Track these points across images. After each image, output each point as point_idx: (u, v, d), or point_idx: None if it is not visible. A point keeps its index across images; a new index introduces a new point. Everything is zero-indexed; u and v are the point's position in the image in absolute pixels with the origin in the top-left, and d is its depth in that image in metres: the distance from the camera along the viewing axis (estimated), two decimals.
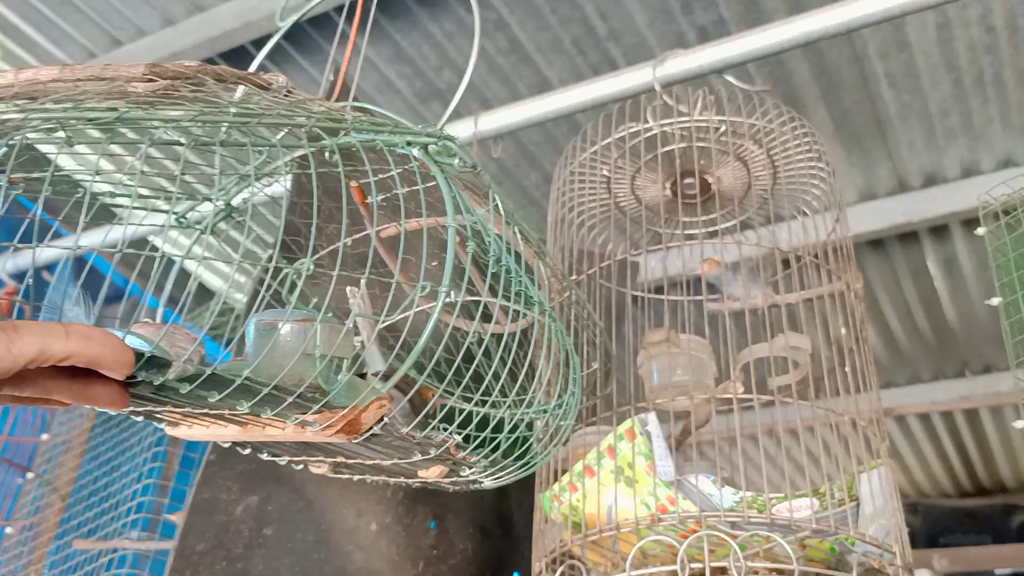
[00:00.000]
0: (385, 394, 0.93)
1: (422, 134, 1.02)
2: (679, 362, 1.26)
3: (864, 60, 2.59)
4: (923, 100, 2.72)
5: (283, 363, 0.89)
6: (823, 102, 2.75)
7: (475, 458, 1.05)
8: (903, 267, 3.37)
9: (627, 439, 1.19)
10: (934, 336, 3.79)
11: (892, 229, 3.09)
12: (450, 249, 0.94)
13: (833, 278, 1.27)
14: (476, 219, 1.03)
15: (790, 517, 1.10)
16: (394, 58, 2.69)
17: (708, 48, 1.61)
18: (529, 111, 1.77)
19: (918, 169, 2.98)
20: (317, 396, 0.89)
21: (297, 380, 0.89)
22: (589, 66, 2.68)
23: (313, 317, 0.94)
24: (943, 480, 4.98)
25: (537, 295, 1.06)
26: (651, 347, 1.29)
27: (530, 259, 1.11)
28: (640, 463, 1.17)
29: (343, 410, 0.89)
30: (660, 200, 1.45)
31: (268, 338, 0.92)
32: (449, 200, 0.97)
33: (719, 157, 1.39)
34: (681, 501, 1.14)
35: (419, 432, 0.97)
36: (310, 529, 1.37)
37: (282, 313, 0.95)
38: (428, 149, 1.02)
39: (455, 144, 1.01)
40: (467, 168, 1.02)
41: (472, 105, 2.81)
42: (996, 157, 2.91)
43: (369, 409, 0.91)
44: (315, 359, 0.92)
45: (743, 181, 1.44)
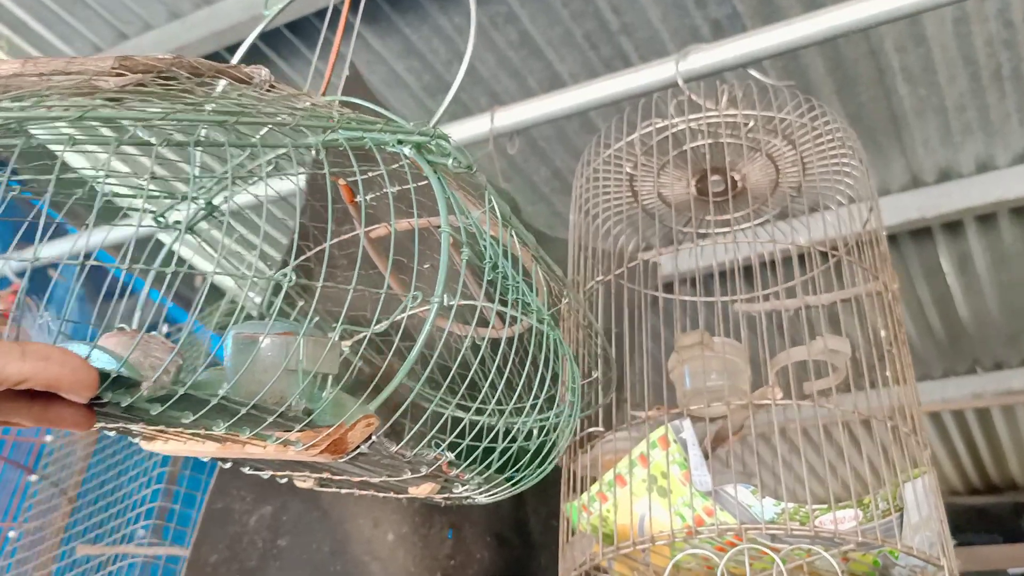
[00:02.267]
0: (373, 412, 0.87)
1: (414, 132, 0.96)
2: (713, 366, 1.21)
3: (880, 54, 2.54)
4: (940, 95, 2.66)
5: (263, 380, 0.84)
6: (838, 97, 2.69)
7: (468, 475, 1.00)
8: (915, 264, 3.32)
9: (660, 447, 1.13)
10: (945, 333, 3.74)
11: (905, 225, 3.04)
12: (444, 254, 0.88)
13: (869, 277, 1.21)
14: (471, 221, 0.97)
15: (834, 530, 1.04)
16: (403, 52, 2.64)
17: (731, 42, 1.55)
18: (546, 107, 1.71)
19: (933, 165, 2.93)
20: (300, 415, 0.84)
21: (278, 398, 0.84)
22: (601, 61, 2.62)
23: (295, 330, 0.89)
24: (953, 478, 4.93)
25: (534, 301, 1.01)
26: (684, 351, 1.23)
27: (527, 263, 1.06)
28: (675, 472, 1.11)
29: (328, 429, 0.83)
30: (686, 198, 1.39)
31: (248, 353, 0.87)
32: (442, 202, 0.92)
33: (747, 153, 1.33)
34: (719, 512, 1.08)
35: (410, 450, 0.92)
36: (326, 540, 1.31)
37: (263, 326, 0.90)
38: (420, 148, 0.96)
39: (449, 143, 0.96)
40: (462, 168, 0.96)
41: (482, 100, 2.76)
42: (1013, 152, 2.86)
43: (356, 428, 0.85)
44: (298, 375, 0.86)
45: (771, 178, 1.39)
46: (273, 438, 0.82)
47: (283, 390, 0.84)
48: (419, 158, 0.95)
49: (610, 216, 1.41)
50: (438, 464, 0.95)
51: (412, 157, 0.96)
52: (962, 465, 4.80)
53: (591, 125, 2.80)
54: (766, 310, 1.27)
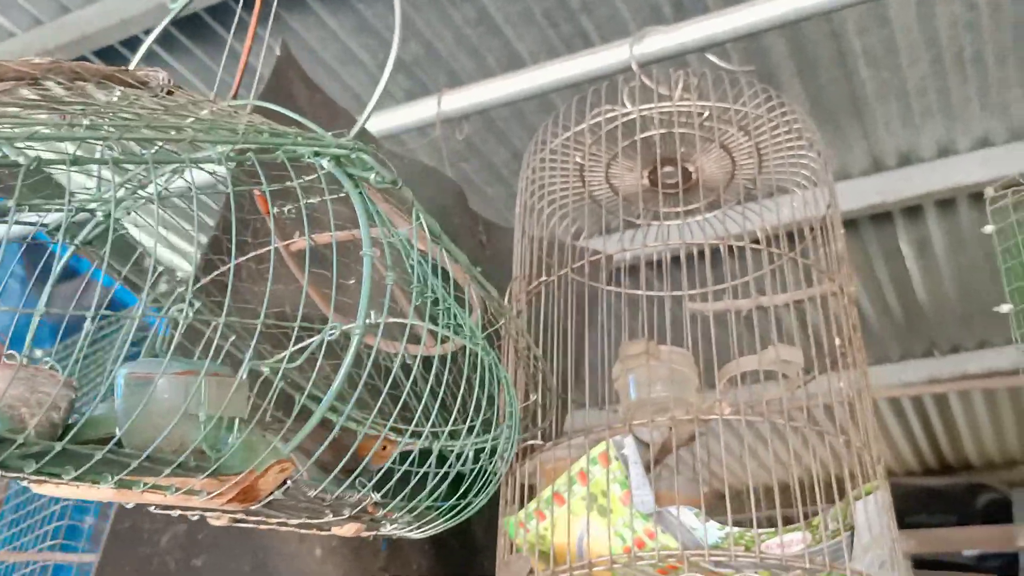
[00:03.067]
0: (288, 456, 0.79)
1: (332, 144, 0.88)
2: (659, 376, 1.14)
3: (842, 36, 2.47)
4: (901, 78, 2.60)
5: (160, 425, 0.74)
6: (799, 79, 2.62)
7: (397, 513, 0.93)
8: (875, 247, 3.28)
9: (601, 463, 1.06)
10: (904, 316, 3.70)
11: (866, 210, 2.99)
12: (366, 279, 0.80)
13: (825, 279, 1.14)
14: (396, 238, 0.90)
15: (781, 554, 0.98)
16: (357, 29, 2.54)
17: (690, 25, 1.47)
18: (497, 90, 1.63)
19: (894, 149, 2.87)
20: (202, 463, 0.75)
21: (177, 445, 0.75)
22: (561, 39, 2.53)
23: (196, 369, 0.79)
24: (909, 458, 4.92)
25: (467, 324, 0.93)
26: (629, 360, 1.16)
27: (461, 280, 0.99)
28: (615, 491, 1.04)
29: (236, 477, 0.76)
30: (637, 189, 1.31)
31: (141, 395, 0.77)
32: (363, 220, 0.83)
33: (701, 144, 1.26)
34: (661, 535, 1.02)
35: (330, 493, 0.85)
36: (246, 558, 1.22)
37: (158, 363, 0.80)
38: (340, 161, 0.88)
39: (370, 157, 0.88)
40: (385, 183, 0.88)
41: (440, 79, 2.66)
42: (973, 137, 2.81)
43: (268, 474, 0.77)
44: (199, 420, 0.77)
45: (726, 170, 1.31)
46: (173, 489, 0.75)
47: (183, 436, 0.76)
48: (338, 172, 0.87)
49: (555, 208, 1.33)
50: (363, 506, 0.88)
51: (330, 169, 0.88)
52: (918, 445, 4.79)
53: (550, 105, 2.71)
54: (718, 310, 1.20)
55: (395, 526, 0.95)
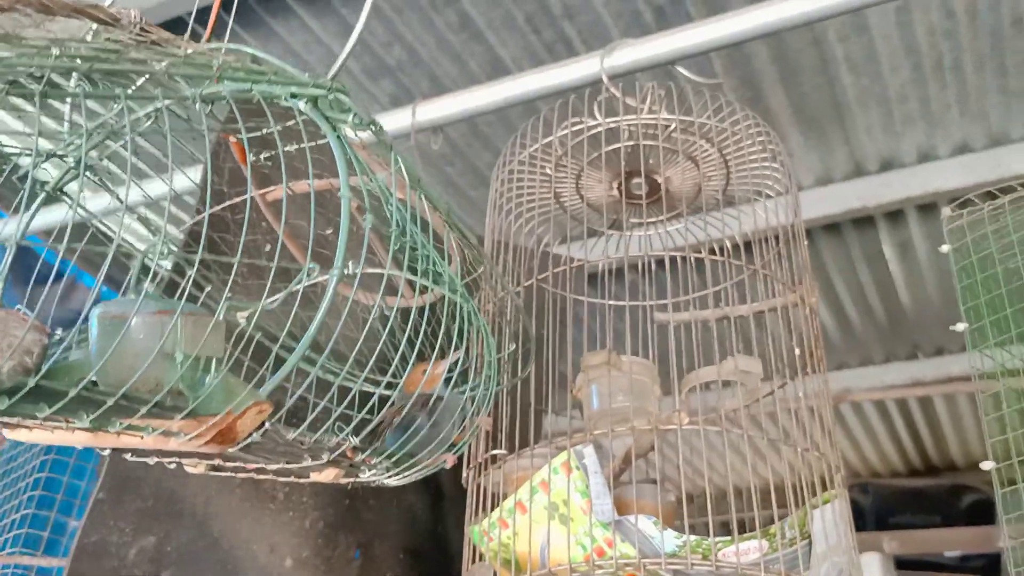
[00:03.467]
0: (265, 398, 0.78)
1: (309, 84, 0.87)
2: (620, 386, 1.15)
3: (823, 44, 2.48)
4: (882, 85, 2.61)
5: (135, 365, 0.73)
6: (781, 86, 2.64)
7: (376, 459, 0.92)
8: (858, 251, 3.29)
9: (563, 473, 1.07)
10: (887, 319, 3.72)
11: (848, 214, 3.00)
12: (344, 221, 0.78)
13: (785, 290, 1.15)
14: (376, 184, 0.89)
15: (737, 563, 0.99)
16: (340, 33, 2.54)
17: (661, 38, 1.48)
18: (463, 103, 1.64)
19: (875, 154, 2.89)
20: (178, 403, 0.75)
21: (153, 385, 0.74)
22: (544, 45, 2.54)
23: (172, 308, 0.78)
24: (894, 459, 4.94)
25: (446, 271, 0.92)
26: (590, 370, 1.17)
27: (439, 228, 0.97)
28: (576, 500, 1.05)
29: (214, 418, 0.74)
30: (608, 200, 1.33)
31: (115, 334, 0.76)
32: (342, 163, 0.82)
33: (669, 157, 1.27)
34: (619, 544, 1.03)
35: (310, 436, 0.84)
36: (214, 570, 1.21)
37: (132, 303, 0.80)
38: (317, 103, 0.87)
39: (348, 97, 0.87)
40: (363, 126, 0.87)
41: (423, 84, 2.67)
42: (953, 143, 2.82)
43: (246, 415, 0.76)
44: (175, 360, 0.76)
45: (694, 181, 1.33)
46: (150, 429, 0.73)
47: (158, 376, 0.75)
48: (315, 114, 0.85)
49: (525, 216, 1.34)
50: (341, 450, 0.87)
51: (308, 113, 0.87)
52: (903, 446, 4.81)
53: (535, 109, 2.72)
54: (683, 320, 1.22)
55: (373, 472, 0.93)
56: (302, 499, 1.25)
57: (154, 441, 0.76)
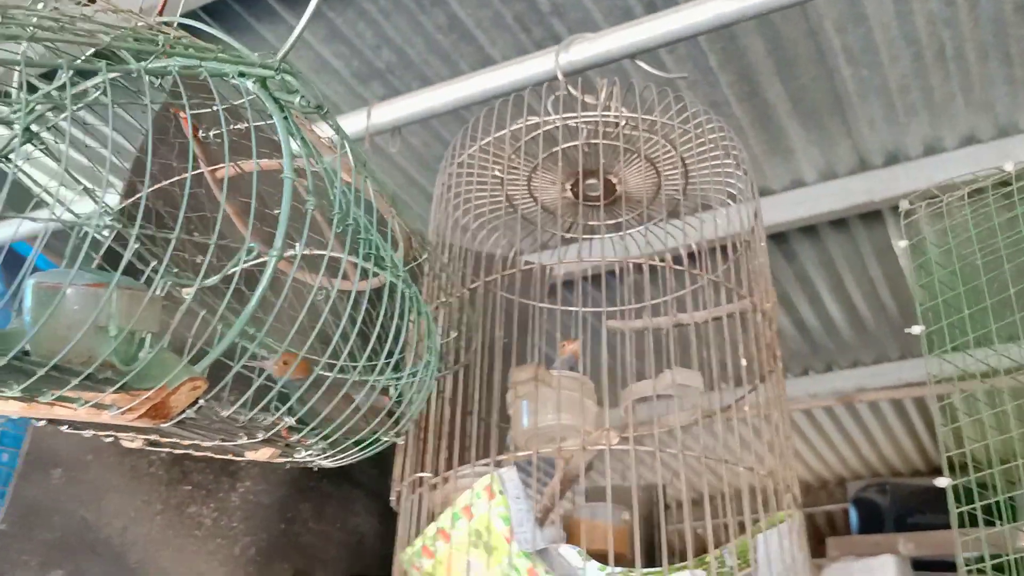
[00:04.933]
0: (200, 373, 0.76)
1: (257, 64, 0.84)
2: (549, 403, 1.07)
3: (820, 34, 2.39)
4: (882, 76, 2.51)
5: (68, 336, 0.73)
6: (779, 78, 2.54)
7: (311, 439, 0.89)
8: (867, 246, 3.18)
9: (485, 497, 1.00)
10: (900, 314, 3.60)
11: (854, 208, 2.90)
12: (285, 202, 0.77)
13: (736, 296, 1.07)
14: (320, 166, 0.86)
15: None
16: (328, 37, 2.49)
17: (620, 31, 1.39)
18: (420, 103, 1.57)
19: (880, 147, 2.78)
20: (112, 376, 0.73)
21: (85, 358, 0.73)
22: (534, 43, 2.47)
23: (107, 281, 0.76)
24: (914, 457, 4.80)
25: (389, 255, 0.90)
26: (519, 386, 1.09)
27: (384, 212, 0.95)
28: (498, 527, 0.98)
29: (148, 392, 0.73)
30: (561, 202, 1.25)
31: (49, 305, 0.75)
32: (286, 144, 0.80)
33: (624, 156, 1.19)
34: (543, 574, 0.95)
35: (244, 414, 0.82)
36: None
37: (66, 274, 0.77)
38: (265, 83, 0.84)
39: (297, 78, 0.84)
40: (310, 109, 0.84)
41: (413, 85, 2.61)
42: (959, 134, 2.71)
43: (180, 391, 0.75)
44: (109, 333, 0.76)
45: (652, 182, 1.25)
46: (82, 401, 0.73)
47: (91, 349, 0.74)
48: (263, 94, 0.84)
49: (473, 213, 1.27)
50: (277, 429, 0.86)
51: (256, 92, 0.85)
52: (921, 443, 4.68)
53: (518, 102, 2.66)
54: (636, 328, 1.14)
55: (309, 452, 0.92)
56: (231, 524, 1.18)
57: (87, 413, 0.75)
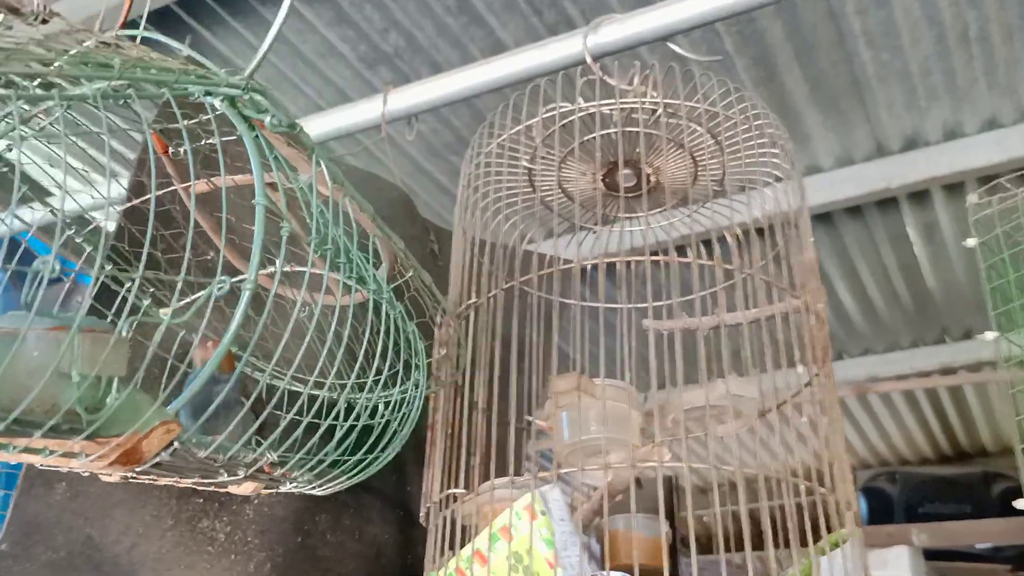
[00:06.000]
0: (173, 416, 0.70)
1: (222, 83, 0.76)
2: (593, 414, 0.99)
3: (840, 17, 2.30)
4: (903, 59, 2.43)
5: (28, 384, 0.66)
6: (797, 63, 2.46)
7: (296, 472, 0.83)
8: (881, 233, 3.10)
9: (526, 517, 0.92)
10: (913, 303, 3.53)
11: (871, 195, 2.82)
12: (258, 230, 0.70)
13: (787, 296, 0.99)
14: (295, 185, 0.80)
15: None
16: (335, 20, 2.40)
17: (652, 11, 1.31)
18: (440, 89, 1.48)
19: (898, 132, 2.70)
20: (78, 425, 0.67)
21: (49, 406, 0.67)
22: (546, 26, 2.38)
23: (68, 324, 0.70)
24: (923, 445, 4.74)
25: (371, 275, 0.85)
26: (560, 397, 1.01)
27: (368, 228, 0.88)
28: (540, 550, 0.90)
29: (117, 439, 0.68)
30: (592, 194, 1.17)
31: (5, 352, 0.67)
32: (257, 168, 0.73)
33: (657, 145, 1.11)
34: None
35: (222, 455, 0.76)
36: None
37: (24, 318, 0.70)
38: (234, 101, 0.77)
39: (266, 96, 0.76)
40: (282, 128, 0.77)
41: (422, 70, 2.52)
42: (981, 118, 2.63)
43: (152, 435, 0.69)
44: (72, 379, 0.69)
45: (686, 172, 1.16)
46: (47, 451, 0.68)
47: (54, 396, 0.68)
48: (231, 113, 0.77)
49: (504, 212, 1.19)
50: (259, 466, 0.80)
51: (224, 110, 0.77)
52: (931, 432, 4.61)
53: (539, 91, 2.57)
54: (679, 328, 1.06)
55: (295, 484, 0.87)
56: (247, 539, 1.10)
57: (55, 462, 0.70)
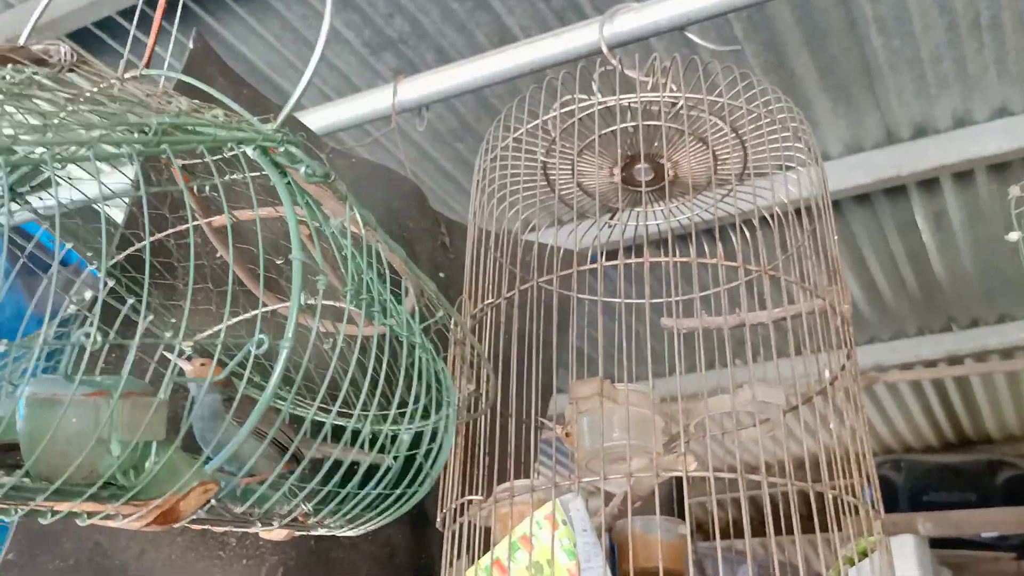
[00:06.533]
0: (211, 476, 0.68)
1: (259, 136, 0.73)
2: (615, 420, 0.97)
3: (851, 3, 2.27)
4: (914, 46, 2.39)
5: (67, 452, 0.64)
6: (807, 49, 2.43)
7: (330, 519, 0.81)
8: (889, 221, 3.08)
9: (547, 527, 0.90)
10: (920, 291, 3.50)
11: (880, 183, 2.80)
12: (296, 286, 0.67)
13: (812, 296, 0.97)
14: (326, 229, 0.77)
15: None
16: (339, 6, 2.36)
17: (665, 0, 1.28)
18: (452, 79, 1.45)
19: (908, 120, 2.67)
20: (118, 492, 0.66)
21: (88, 472, 0.65)
22: (553, 12, 2.34)
23: (107, 389, 0.68)
24: (927, 433, 4.72)
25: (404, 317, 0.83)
26: (581, 402, 0.99)
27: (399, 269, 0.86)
28: (562, 561, 0.88)
29: (155, 501, 0.66)
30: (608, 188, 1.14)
31: (44, 418, 0.66)
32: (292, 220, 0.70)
33: (676, 139, 1.08)
34: None
35: (259, 508, 0.75)
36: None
37: (62, 382, 0.68)
38: (265, 151, 0.75)
39: (299, 150, 0.73)
40: (317, 178, 0.74)
41: (428, 56, 2.49)
42: (991, 106, 2.60)
43: (190, 496, 0.67)
44: (111, 447, 0.66)
45: (705, 166, 1.14)
46: (85, 516, 0.66)
47: (93, 463, 0.66)
48: (264, 162, 0.75)
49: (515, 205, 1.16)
50: (293, 516, 0.79)
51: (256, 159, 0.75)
52: (935, 419, 4.59)
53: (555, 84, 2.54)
54: (693, 327, 1.04)
55: (327, 529, 0.85)
56: (258, 543, 1.09)
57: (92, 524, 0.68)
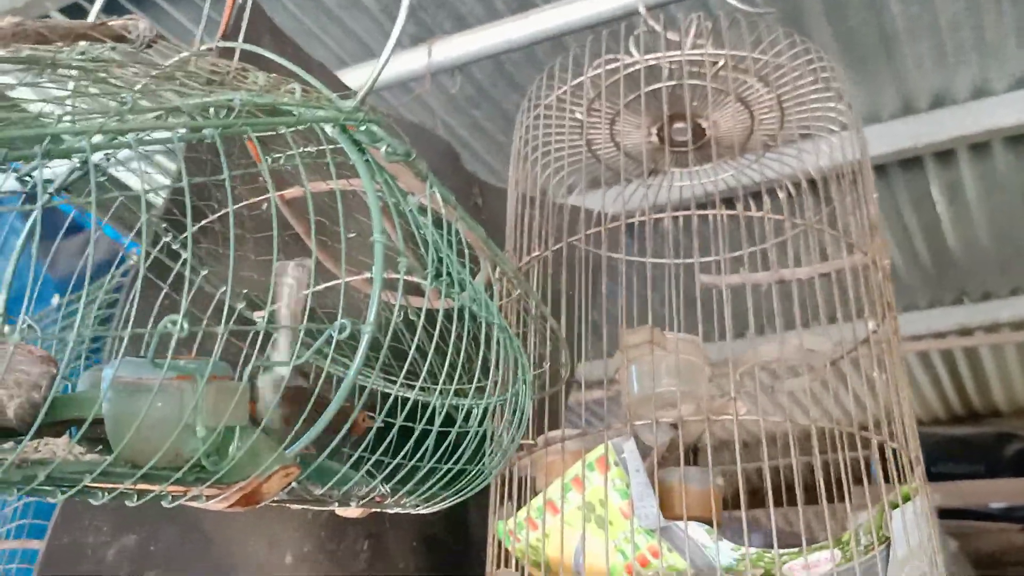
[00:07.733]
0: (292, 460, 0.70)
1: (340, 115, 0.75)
2: (664, 367, 0.99)
3: None
4: (933, 13, 2.39)
5: (152, 437, 0.66)
6: (827, 18, 2.43)
7: (407, 498, 0.83)
8: (904, 193, 3.09)
9: (599, 469, 0.92)
10: (933, 263, 3.52)
11: (896, 154, 2.80)
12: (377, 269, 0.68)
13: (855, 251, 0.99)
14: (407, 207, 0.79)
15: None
16: None
17: None
18: (486, 39, 1.46)
19: (926, 90, 2.67)
20: (201, 475, 0.68)
21: (172, 457, 0.67)
22: None
23: (193, 373, 0.69)
24: (935, 405, 4.75)
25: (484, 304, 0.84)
26: (630, 350, 1.01)
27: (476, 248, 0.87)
28: (615, 501, 0.90)
29: (239, 483, 0.68)
30: (645, 147, 1.16)
31: (128, 402, 0.68)
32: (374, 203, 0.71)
33: (716, 98, 1.09)
34: (667, 554, 0.88)
35: (338, 490, 0.78)
36: (206, 570, 1.07)
37: (146, 365, 0.69)
38: (345, 128, 0.76)
39: (380, 129, 0.75)
40: (399, 157, 0.76)
41: (446, 24, 2.49)
42: (1011, 76, 2.60)
43: (272, 479, 0.69)
44: (195, 432, 0.68)
45: (744, 125, 1.15)
46: (169, 498, 0.68)
47: (177, 447, 0.67)
48: (343, 139, 0.76)
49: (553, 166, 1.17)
50: (371, 497, 0.82)
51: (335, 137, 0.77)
52: (944, 393, 4.62)
53: (562, 46, 2.54)
54: (733, 284, 1.05)
55: (401, 508, 0.87)
56: None
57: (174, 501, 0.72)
